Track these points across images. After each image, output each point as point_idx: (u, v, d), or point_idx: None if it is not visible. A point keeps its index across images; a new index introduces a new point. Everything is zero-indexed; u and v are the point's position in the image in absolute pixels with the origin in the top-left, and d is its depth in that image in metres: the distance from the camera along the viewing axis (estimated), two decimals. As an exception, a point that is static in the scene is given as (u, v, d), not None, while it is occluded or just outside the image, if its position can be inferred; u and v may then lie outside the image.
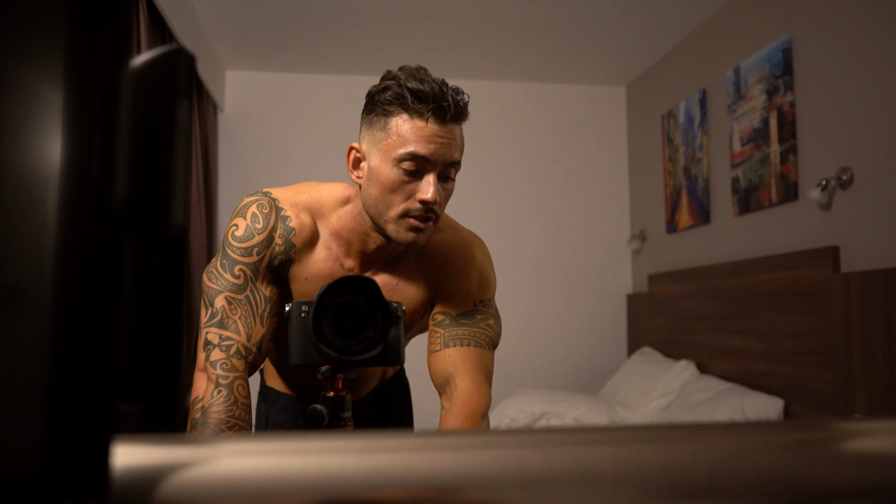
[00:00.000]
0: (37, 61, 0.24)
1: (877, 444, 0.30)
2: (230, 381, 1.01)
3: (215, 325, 1.04)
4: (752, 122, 2.95)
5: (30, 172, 0.24)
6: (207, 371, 1.02)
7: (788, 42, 2.71)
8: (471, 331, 1.11)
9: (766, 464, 0.28)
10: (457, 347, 1.09)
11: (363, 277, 0.83)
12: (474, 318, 1.12)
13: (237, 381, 1.01)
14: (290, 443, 0.28)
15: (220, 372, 1.01)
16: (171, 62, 0.27)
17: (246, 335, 1.04)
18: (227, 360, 1.02)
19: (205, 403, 1.00)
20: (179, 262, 0.27)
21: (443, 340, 1.10)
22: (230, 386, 1.00)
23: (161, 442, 0.26)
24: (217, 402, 0.99)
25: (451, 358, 1.09)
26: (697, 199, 3.41)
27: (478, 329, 1.12)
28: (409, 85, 1.01)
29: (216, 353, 1.02)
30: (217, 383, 1.00)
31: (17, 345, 0.23)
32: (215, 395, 1.00)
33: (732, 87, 3.10)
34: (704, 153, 3.36)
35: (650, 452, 0.28)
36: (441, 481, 0.27)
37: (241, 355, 1.03)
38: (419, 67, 1.05)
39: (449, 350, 1.09)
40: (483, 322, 1.13)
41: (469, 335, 1.11)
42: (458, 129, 1.04)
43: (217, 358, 1.02)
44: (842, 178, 2.39)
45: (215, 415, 0.98)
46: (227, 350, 1.03)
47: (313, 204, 1.13)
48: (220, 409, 0.98)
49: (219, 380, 1.00)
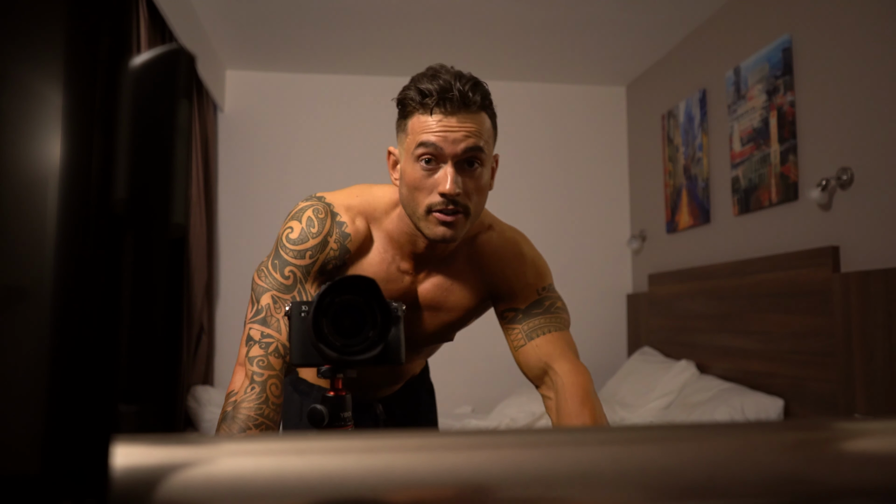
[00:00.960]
0: (37, 61, 0.24)
1: (877, 444, 0.30)
2: (264, 379, 1.03)
3: (259, 322, 1.06)
4: (752, 122, 2.95)
5: (30, 172, 0.24)
6: (245, 366, 1.04)
7: (788, 42, 2.71)
8: (546, 318, 1.13)
9: (766, 464, 0.28)
10: (541, 337, 1.11)
11: (363, 277, 0.83)
12: (544, 306, 1.14)
13: (271, 380, 1.03)
14: (290, 443, 0.28)
15: (256, 369, 1.03)
16: (171, 62, 0.27)
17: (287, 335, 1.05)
18: (265, 357, 1.04)
19: (237, 398, 1.02)
20: (179, 262, 0.27)
21: (524, 334, 1.12)
22: (264, 384, 1.03)
23: (161, 442, 0.26)
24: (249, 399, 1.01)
25: (540, 348, 1.10)
26: (697, 198, 3.41)
27: (551, 314, 1.14)
28: (420, 85, 1.04)
29: (255, 350, 1.04)
30: (252, 380, 1.03)
31: (17, 345, 0.23)
32: (248, 392, 1.02)
33: (732, 86, 3.10)
34: (704, 153, 3.36)
35: (650, 452, 0.28)
36: (441, 481, 0.27)
37: (280, 354, 1.05)
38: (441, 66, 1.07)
39: (535, 342, 1.11)
40: (553, 307, 1.15)
41: (546, 322, 1.12)
42: (474, 118, 1.04)
43: (256, 354, 1.04)
44: (842, 178, 2.39)
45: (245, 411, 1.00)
46: (266, 347, 1.05)
47: (367, 207, 1.15)
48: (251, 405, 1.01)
49: (254, 376, 1.03)
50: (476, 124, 1.04)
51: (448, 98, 1.02)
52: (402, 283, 1.17)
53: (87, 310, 0.24)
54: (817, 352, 2.46)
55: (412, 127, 1.05)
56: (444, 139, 1.02)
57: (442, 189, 1.03)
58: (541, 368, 1.10)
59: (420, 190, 1.05)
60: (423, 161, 1.03)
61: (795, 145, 2.67)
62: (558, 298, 1.17)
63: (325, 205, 1.13)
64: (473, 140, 1.03)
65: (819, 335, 2.44)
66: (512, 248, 1.18)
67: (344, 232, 1.12)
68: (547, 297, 1.16)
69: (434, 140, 1.02)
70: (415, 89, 1.04)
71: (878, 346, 2.15)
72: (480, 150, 1.04)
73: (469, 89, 1.03)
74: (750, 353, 2.87)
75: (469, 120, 1.04)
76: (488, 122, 1.07)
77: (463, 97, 1.02)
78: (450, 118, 1.03)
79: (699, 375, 3.15)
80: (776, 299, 2.70)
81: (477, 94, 1.04)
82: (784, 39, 2.73)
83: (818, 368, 2.45)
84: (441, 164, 1.04)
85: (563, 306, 1.17)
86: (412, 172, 1.05)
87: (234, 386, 1.04)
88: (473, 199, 1.06)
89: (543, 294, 1.16)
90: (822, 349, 2.43)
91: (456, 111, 1.03)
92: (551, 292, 1.17)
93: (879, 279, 2.16)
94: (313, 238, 1.10)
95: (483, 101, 1.05)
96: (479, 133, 1.05)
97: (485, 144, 1.05)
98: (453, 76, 1.04)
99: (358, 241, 1.13)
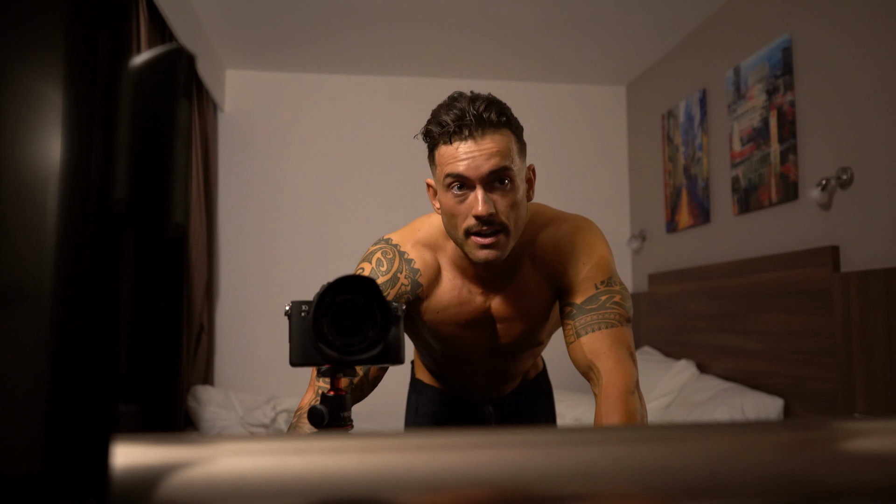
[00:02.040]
0: (37, 61, 0.24)
1: (877, 444, 0.30)
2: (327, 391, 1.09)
3: None
4: (752, 122, 2.95)
5: (30, 172, 0.24)
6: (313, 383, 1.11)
7: (788, 42, 2.71)
8: (598, 314, 1.13)
9: (766, 464, 0.28)
10: (589, 334, 1.11)
11: (363, 277, 0.83)
12: (599, 302, 1.14)
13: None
14: (290, 443, 0.28)
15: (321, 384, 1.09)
16: (171, 62, 0.27)
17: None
18: None
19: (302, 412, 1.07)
20: (179, 262, 0.27)
21: (574, 331, 1.13)
22: None
23: (161, 442, 0.26)
24: None
25: (587, 346, 1.11)
26: (697, 198, 3.41)
27: (605, 311, 1.13)
28: (439, 117, 1.08)
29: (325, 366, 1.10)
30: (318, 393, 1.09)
31: (17, 345, 0.23)
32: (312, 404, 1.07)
33: (732, 86, 3.10)
34: (704, 153, 3.36)
35: (650, 452, 0.28)
36: (441, 481, 0.27)
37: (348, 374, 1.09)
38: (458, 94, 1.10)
39: (583, 339, 1.12)
40: (609, 302, 1.14)
41: (598, 319, 1.12)
42: (493, 137, 1.07)
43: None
44: (842, 177, 2.39)
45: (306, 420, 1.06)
46: None
47: (430, 239, 1.21)
48: None
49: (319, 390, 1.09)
50: (496, 143, 1.07)
51: (465, 124, 1.05)
52: (476, 304, 1.21)
53: (87, 310, 0.24)
54: (817, 351, 2.46)
55: (439, 159, 1.10)
56: (468, 166, 1.06)
57: (475, 212, 1.06)
58: (586, 365, 1.11)
59: (456, 216, 1.09)
60: (454, 189, 1.08)
61: (795, 145, 2.67)
62: (618, 292, 1.15)
63: (391, 246, 1.20)
64: (497, 160, 1.06)
65: (819, 335, 2.44)
66: (569, 241, 1.18)
67: (413, 268, 1.18)
68: (605, 292, 1.15)
69: (459, 169, 1.06)
70: (435, 122, 1.09)
71: (878, 346, 2.15)
72: (506, 168, 1.07)
73: (484, 110, 1.06)
74: (750, 352, 2.87)
75: (489, 141, 1.06)
76: (511, 137, 1.09)
77: (478, 120, 1.05)
78: (469, 143, 1.06)
79: (699, 375, 3.15)
80: (776, 299, 2.70)
81: (492, 113, 1.06)
82: (784, 39, 2.73)
83: (818, 368, 2.45)
84: (471, 189, 1.07)
85: (621, 301, 1.15)
86: (447, 201, 1.10)
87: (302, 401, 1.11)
88: (510, 215, 1.09)
89: (601, 288, 1.15)
90: (822, 349, 2.43)
91: (475, 135, 1.06)
92: (611, 286, 1.16)
93: (879, 279, 2.16)
94: (383, 276, 1.17)
95: (500, 119, 1.07)
96: (501, 151, 1.07)
97: (510, 161, 1.07)
98: (468, 101, 1.07)
99: (428, 274, 1.19)
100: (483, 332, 1.23)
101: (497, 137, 1.07)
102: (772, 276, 2.72)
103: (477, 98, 1.08)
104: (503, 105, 1.09)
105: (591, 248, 1.18)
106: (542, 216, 1.22)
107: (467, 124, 1.05)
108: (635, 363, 1.11)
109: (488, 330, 1.23)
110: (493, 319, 1.22)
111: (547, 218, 1.22)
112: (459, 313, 1.20)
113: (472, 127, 1.05)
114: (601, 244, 1.19)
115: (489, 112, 1.06)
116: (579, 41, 3.62)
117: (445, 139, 1.07)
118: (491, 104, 1.07)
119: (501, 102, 1.10)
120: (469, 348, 1.26)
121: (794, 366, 2.59)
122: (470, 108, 1.06)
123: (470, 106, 1.06)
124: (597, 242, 1.19)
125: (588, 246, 1.18)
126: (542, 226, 1.20)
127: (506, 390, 1.42)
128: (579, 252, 1.17)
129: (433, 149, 1.11)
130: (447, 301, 1.19)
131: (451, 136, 1.06)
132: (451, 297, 1.19)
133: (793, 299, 2.59)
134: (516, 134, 1.11)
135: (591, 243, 1.18)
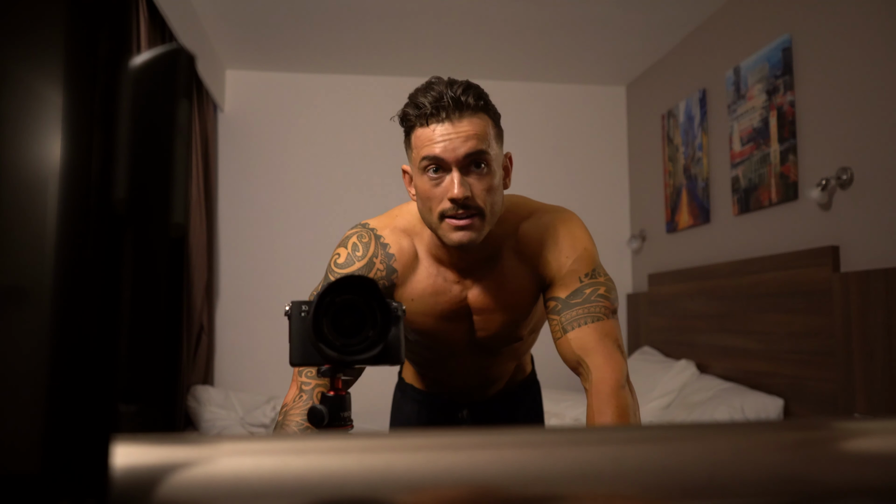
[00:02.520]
0: (37, 61, 0.24)
1: (877, 444, 0.30)
2: (311, 388, 1.09)
3: None
4: (752, 122, 2.95)
5: (30, 172, 0.24)
6: (296, 379, 1.11)
7: (788, 42, 2.71)
8: (584, 308, 1.12)
9: (766, 464, 0.28)
10: (576, 329, 1.10)
11: (363, 277, 0.83)
12: (584, 295, 1.13)
13: (318, 388, 1.09)
14: (290, 443, 0.28)
15: (304, 379, 1.10)
16: (171, 62, 0.27)
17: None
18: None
19: (287, 408, 1.09)
20: (179, 261, 0.27)
21: (561, 326, 1.12)
22: (311, 392, 1.09)
23: (161, 442, 0.26)
24: (297, 406, 1.08)
25: (574, 341, 1.10)
26: (697, 198, 3.41)
27: (590, 304, 1.12)
28: (416, 100, 1.07)
29: None
30: (301, 389, 1.09)
31: (17, 345, 0.23)
32: (297, 401, 1.09)
33: (732, 86, 3.10)
34: (704, 153, 3.36)
35: (650, 452, 0.28)
36: (441, 481, 0.27)
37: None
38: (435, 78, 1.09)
39: (570, 334, 1.11)
40: (594, 295, 1.13)
41: (584, 313, 1.11)
42: (471, 120, 1.05)
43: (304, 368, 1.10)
44: (842, 177, 2.39)
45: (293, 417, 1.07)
46: None
47: (407, 225, 1.19)
48: (298, 412, 1.07)
49: (302, 386, 1.09)
50: (473, 126, 1.05)
51: (442, 106, 1.04)
52: (452, 294, 1.19)
53: (87, 310, 0.24)
54: (817, 351, 2.46)
55: (415, 142, 1.08)
56: (445, 148, 1.04)
57: (451, 195, 1.05)
58: (575, 361, 1.10)
59: (432, 199, 1.07)
60: (430, 172, 1.06)
61: (795, 145, 2.67)
62: (603, 284, 1.14)
63: (368, 230, 1.18)
64: (473, 143, 1.05)
65: (819, 335, 2.44)
66: (551, 233, 1.16)
67: (388, 252, 1.17)
68: (590, 284, 1.13)
69: (436, 152, 1.05)
70: (411, 105, 1.07)
71: (878, 346, 2.15)
72: (483, 151, 1.05)
73: (461, 93, 1.04)
74: (750, 352, 2.87)
75: (466, 124, 1.05)
76: (489, 122, 1.08)
77: (456, 102, 1.04)
78: (446, 125, 1.05)
79: (699, 375, 3.15)
80: (776, 299, 2.70)
81: (469, 97, 1.05)
82: (784, 39, 2.73)
83: (818, 368, 2.45)
84: (447, 172, 1.06)
85: (606, 293, 1.14)
86: (422, 185, 1.08)
87: (286, 399, 1.11)
88: (486, 199, 1.07)
89: (586, 281, 1.14)
90: (822, 349, 2.43)
91: (452, 118, 1.04)
92: (595, 278, 1.14)
93: (879, 279, 2.16)
94: (359, 261, 1.15)
95: (477, 103, 1.06)
96: (479, 134, 1.05)
97: (487, 145, 1.06)
98: (446, 84, 1.06)
99: (403, 259, 1.17)
100: (460, 325, 1.21)
101: (475, 121, 1.05)
102: (772, 276, 2.72)
103: (454, 82, 1.06)
104: (481, 90, 1.08)
105: (574, 239, 1.16)
106: (523, 208, 1.20)
107: (444, 106, 1.04)
108: (624, 356, 1.10)
109: (466, 322, 1.21)
110: (470, 311, 1.20)
111: (529, 210, 1.20)
112: (435, 303, 1.18)
113: (450, 109, 1.04)
114: (584, 236, 1.18)
115: (467, 95, 1.05)
116: (579, 41, 3.62)
117: (422, 122, 1.06)
118: (469, 88, 1.06)
119: (479, 87, 1.08)
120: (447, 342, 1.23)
121: (794, 366, 2.59)
122: (448, 91, 1.04)
123: (448, 89, 1.05)
124: (580, 234, 1.17)
125: (571, 238, 1.16)
126: (523, 217, 1.19)
127: (489, 393, 1.39)
128: (562, 244, 1.15)
129: (409, 132, 1.09)
130: (422, 289, 1.17)
131: (428, 119, 1.05)
132: (427, 286, 1.17)
133: (793, 299, 2.59)
134: (494, 119, 1.10)
135: (575, 235, 1.17)
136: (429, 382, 1.41)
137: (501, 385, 1.40)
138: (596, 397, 1.05)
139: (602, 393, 1.04)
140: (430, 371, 1.38)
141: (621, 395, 1.05)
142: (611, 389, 1.04)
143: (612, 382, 1.05)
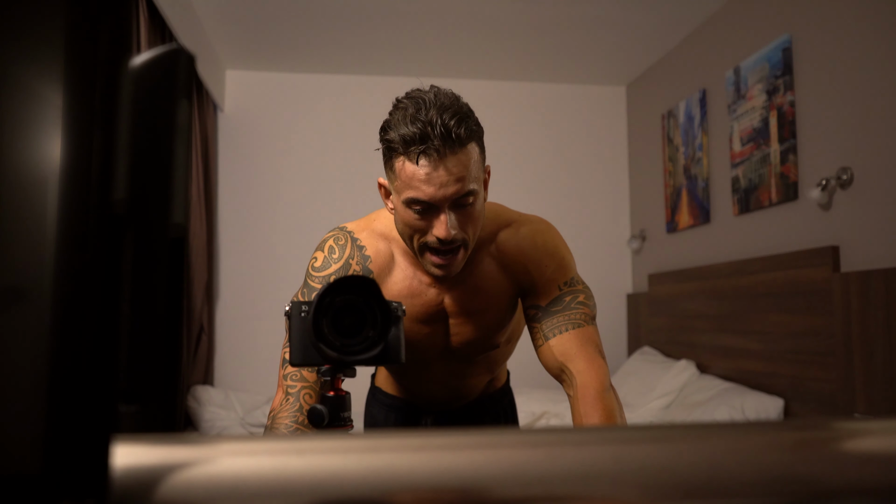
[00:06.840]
0: (37, 61, 0.24)
1: (877, 444, 0.30)
2: (297, 390, 1.09)
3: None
4: (752, 122, 2.95)
5: (30, 172, 0.24)
6: (281, 384, 1.11)
7: (788, 42, 2.71)
8: (564, 316, 1.13)
9: (766, 464, 0.28)
10: (557, 336, 1.11)
11: (363, 277, 0.83)
12: (564, 303, 1.14)
13: (304, 390, 1.09)
14: (290, 443, 0.28)
15: (290, 382, 1.10)
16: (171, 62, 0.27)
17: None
18: (298, 371, 1.10)
19: (275, 412, 1.09)
20: (179, 262, 0.27)
21: (542, 334, 1.13)
22: (297, 394, 1.09)
23: (161, 442, 0.26)
24: (285, 410, 1.08)
25: (556, 348, 1.11)
26: (697, 198, 3.41)
27: (570, 311, 1.13)
28: (402, 131, 1.01)
29: (289, 368, 1.10)
30: (287, 393, 1.10)
31: (17, 345, 0.23)
32: (284, 404, 1.09)
33: (732, 86, 3.10)
34: (704, 153, 3.36)
35: (650, 452, 0.28)
36: (440, 481, 0.27)
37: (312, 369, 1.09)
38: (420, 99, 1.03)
39: (551, 341, 1.11)
40: (574, 302, 1.14)
41: (564, 321, 1.12)
42: (460, 157, 1.02)
43: (289, 371, 1.10)
44: (842, 177, 2.39)
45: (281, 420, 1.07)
46: None
47: (384, 229, 1.19)
48: (286, 414, 1.07)
49: (288, 389, 1.10)
50: (463, 165, 1.02)
51: (433, 147, 0.99)
52: (429, 296, 1.18)
53: (87, 310, 0.24)
54: (817, 351, 2.46)
55: (400, 173, 1.04)
56: (434, 193, 1.01)
57: (438, 234, 1.04)
58: (558, 368, 1.11)
59: (415, 230, 1.06)
60: (415, 207, 1.04)
61: (795, 145, 2.67)
62: (581, 292, 1.15)
63: (345, 233, 1.19)
64: (462, 185, 1.02)
65: (819, 335, 2.44)
66: (529, 243, 1.17)
67: (364, 254, 1.17)
68: (569, 292, 1.15)
69: (423, 196, 1.02)
70: (397, 136, 1.01)
71: (878, 346, 2.15)
72: (471, 192, 1.04)
73: (454, 126, 0.99)
74: (750, 352, 2.87)
75: (455, 162, 1.01)
76: (476, 151, 1.05)
77: (446, 140, 0.99)
78: (437, 165, 1.01)
79: (699, 375, 3.15)
80: (776, 299, 2.70)
81: (461, 129, 1.00)
82: (784, 39, 2.73)
83: (818, 368, 2.45)
84: (434, 210, 1.04)
85: (585, 300, 1.15)
86: (405, 215, 1.06)
87: (273, 404, 1.11)
88: (471, 231, 1.08)
89: (564, 290, 1.15)
90: (821, 349, 2.43)
91: (441, 157, 1.00)
92: (573, 286, 1.16)
93: (879, 279, 2.16)
94: (335, 263, 1.16)
95: (467, 134, 1.02)
96: (468, 172, 1.03)
97: (475, 180, 1.04)
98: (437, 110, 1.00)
99: (379, 261, 1.17)
100: (436, 328, 1.20)
101: (463, 156, 1.02)
102: (772, 277, 2.72)
103: (443, 109, 1.00)
104: (467, 113, 1.03)
105: (552, 250, 1.18)
106: (501, 217, 1.21)
107: (435, 147, 0.99)
108: (605, 361, 1.11)
109: (441, 326, 1.20)
110: (446, 314, 1.20)
111: (507, 219, 1.20)
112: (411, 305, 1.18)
113: (440, 150, 1.00)
114: (562, 245, 1.19)
115: (459, 128, 1.00)
116: (579, 41, 3.62)
117: (410, 157, 1.01)
118: (458, 117, 1.00)
119: (465, 109, 1.03)
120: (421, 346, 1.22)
121: (794, 366, 2.59)
122: (437, 120, 0.99)
123: (438, 118, 0.99)
124: (558, 244, 1.19)
125: (549, 248, 1.18)
126: (501, 225, 1.19)
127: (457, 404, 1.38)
128: (540, 254, 1.17)
129: (392, 157, 1.05)
130: (398, 291, 1.17)
131: (418, 157, 1.00)
132: (402, 288, 1.17)
133: (793, 299, 2.59)
134: (479, 142, 1.06)
135: (553, 245, 1.18)
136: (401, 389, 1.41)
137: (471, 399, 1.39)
138: (582, 401, 1.05)
139: (588, 397, 1.05)
140: (404, 379, 1.37)
141: (607, 398, 1.05)
142: (596, 393, 1.05)
143: (597, 386, 1.06)
